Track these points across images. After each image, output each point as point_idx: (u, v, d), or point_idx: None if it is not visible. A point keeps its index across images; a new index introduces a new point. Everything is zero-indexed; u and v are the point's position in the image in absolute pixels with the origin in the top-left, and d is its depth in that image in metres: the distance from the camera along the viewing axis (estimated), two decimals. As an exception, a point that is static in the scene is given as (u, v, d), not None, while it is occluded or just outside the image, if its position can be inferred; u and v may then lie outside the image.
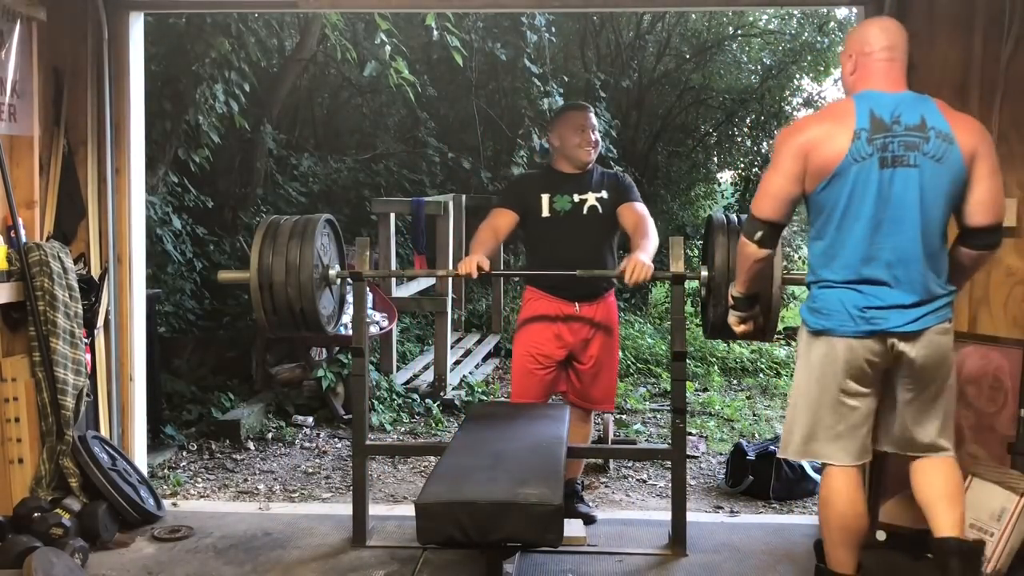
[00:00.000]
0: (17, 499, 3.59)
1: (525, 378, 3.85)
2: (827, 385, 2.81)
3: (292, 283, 3.47)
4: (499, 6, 6.08)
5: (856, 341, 2.75)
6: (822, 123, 2.80)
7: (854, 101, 2.77)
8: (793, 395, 2.94)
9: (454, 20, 7.06)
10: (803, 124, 2.92)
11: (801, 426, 2.88)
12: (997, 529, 3.31)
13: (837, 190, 2.72)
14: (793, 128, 2.90)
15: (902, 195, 2.69)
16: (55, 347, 3.69)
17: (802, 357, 2.90)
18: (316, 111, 11.11)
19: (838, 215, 2.73)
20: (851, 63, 2.84)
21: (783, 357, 8.53)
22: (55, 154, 3.99)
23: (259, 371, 6.56)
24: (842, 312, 2.75)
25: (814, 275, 2.84)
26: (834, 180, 2.71)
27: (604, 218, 3.79)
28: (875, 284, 2.73)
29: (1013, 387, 3.60)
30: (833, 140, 2.71)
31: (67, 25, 4.00)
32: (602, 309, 3.84)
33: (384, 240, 7.15)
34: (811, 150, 2.73)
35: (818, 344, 2.82)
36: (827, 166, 2.71)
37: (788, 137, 2.82)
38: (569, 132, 3.81)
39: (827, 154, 2.71)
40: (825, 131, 2.74)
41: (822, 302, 2.80)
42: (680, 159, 12.81)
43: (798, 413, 2.89)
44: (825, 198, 2.75)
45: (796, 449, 2.92)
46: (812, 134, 2.76)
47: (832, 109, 2.94)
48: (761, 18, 12.91)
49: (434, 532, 2.58)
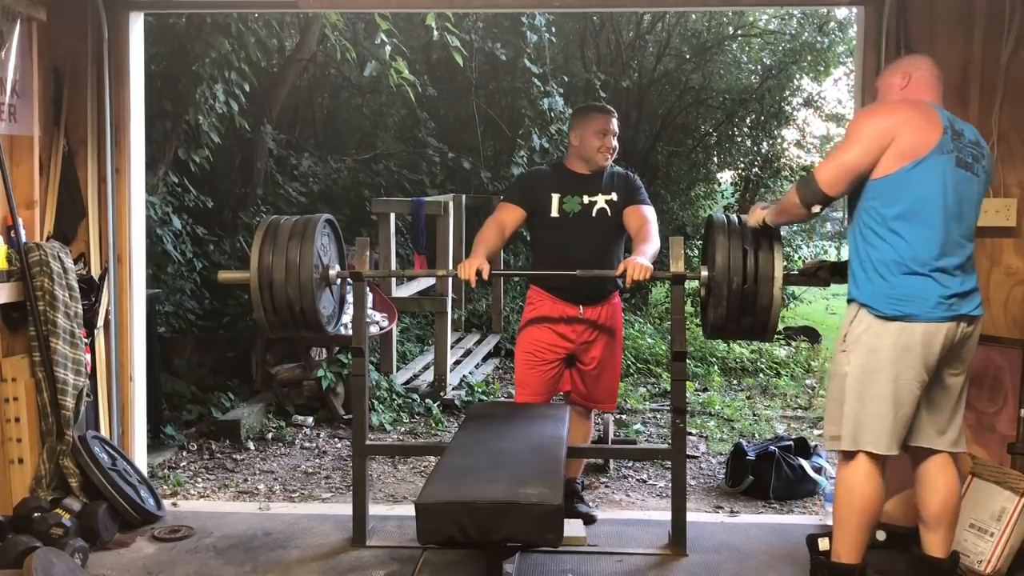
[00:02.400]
0: (17, 499, 3.59)
1: (526, 373, 3.85)
2: (901, 371, 2.82)
3: (292, 283, 3.47)
4: (499, 6, 6.09)
5: (935, 326, 2.80)
6: (908, 110, 2.86)
7: (927, 103, 2.89)
8: (851, 384, 2.89)
9: (454, 20, 7.05)
10: (888, 107, 2.94)
11: (876, 417, 2.85)
12: (997, 529, 3.31)
13: (923, 174, 2.78)
14: (876, 109, 2.95)
15: (969, 196, 2.87)
16: (55, 347, 3.69)
17: (863, 345, 2.87)
18: (316, 111, 11.11)
19: (923, 201, 2.79)
20: (904, 79, 2.98)
21: (783, 357, 8.54)
22: (55, 154, 3.99)
23: (259, 371, 6.57)
24: (926, 298, 2.79)
25: (887, 262, 2.84)
26: (922, 164, 2.78)
27: (612, 220, 3.77)
28: (947, 273, 2.82)
29: (1013, 387, 3.60)
30: (923, 127, 2.80)
31: (67, 25, 4.00)
32: (606, 311, 3.83)
33: (384, 240, 7.15)
34: (900, 131, 2.79)
35: (890, 330, 2.82)
36: (918, 149, 2.78)
37: (872, 116, 2.89)
38: (590, 134, 3.78)
39: (918, 138, 2.79)
40: (914, 117, 2.82)
41: (903, 288, 2.81)
42: (680, 159, 12.81)
43: (871, 404, 2.85)
44: (910, 178, 2.79)
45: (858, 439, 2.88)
46: (900, 116, 2.83)
47: (911, 102, 2.93)
48: (761, 18, 12.90)
49: (434, 532, 2.58)
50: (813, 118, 13.63)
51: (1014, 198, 3.71)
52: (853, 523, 2.91)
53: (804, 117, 13.59)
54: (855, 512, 2.90)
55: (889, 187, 2.81)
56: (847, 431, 2.90)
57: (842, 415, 2.91)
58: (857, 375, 2.88)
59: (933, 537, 3.01)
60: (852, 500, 2.91)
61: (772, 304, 3.31)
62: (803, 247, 12.55)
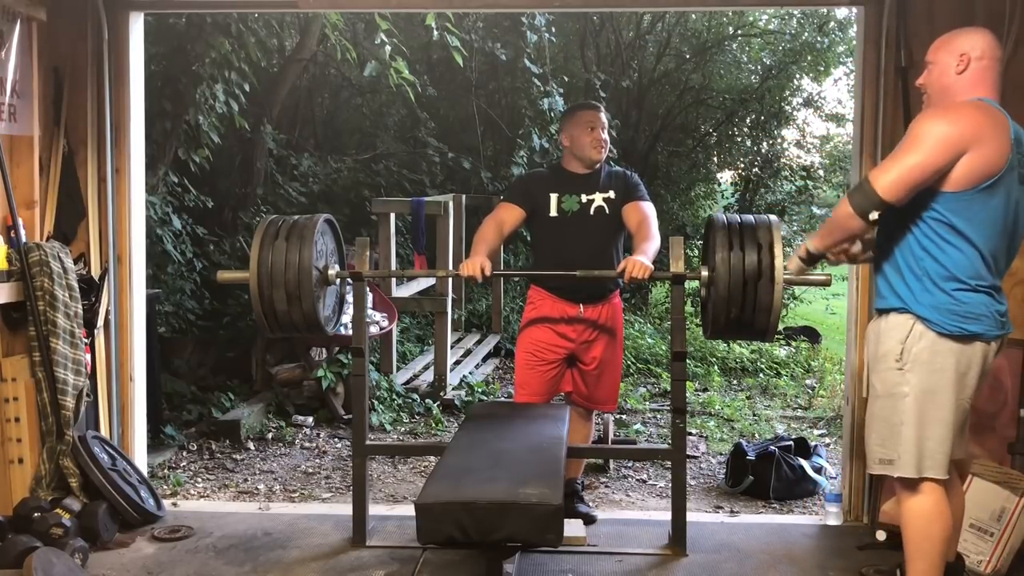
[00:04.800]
0: (17, 499, 3.60)
1: (527, 373, 3.85)
2: (961, 391, 2.70)
3: (292, 283, 3.47)
4: (499, 6, 6.08)
5: (994, 344, 2.72)
6: (980, 120, 2.62)
7: (991, 104, 2.67)
8: (912, 406, 2.70)
9: (454, 20, 7.05)
10: (958, 113, 2.65)
11: (939, 440, 2.69)
12: (997, 529, 3.31)
13: (995, 194, 2.62)
14: (944, 113, 2.67)
15: (1022, 212, 2.71)
16: (55, 347, 3.69)
17: (924, 365, 2.68)
18: (316, 111, 11.10)
19: (990, 219, 2.63)
20: (960, 62, 2.70)
21: (783, 357, 8.54)
22: (55, 154, 3.99)
23: (259, 371, 6.57)
24: (989, 316, 2.68)
25: (948, 276, 2.66)
26: (996, 183, 2.60)
27: (611, 218, 3.78)
28: (999, 291, 2.73)
29: (1013, 387, 3.60)
30: (996, 142, 2.60)
31: (67, 25, 4.00)
32: (607, 311, 3.84)
33: (384, 240, 7.15)
34: (971, 146, 2.58)
35: (953, 349, 2.66)
36: (991, 167, 2.59)
37: (941, 122, 2.63)
38: (579, 131, 3.81)
39: (991, 156, 2.59)
40: (987, 130, 2.60)
41: (969, 306, 2.65)
42: (680, 159, 12.81)
43: (935, 427, 2.68)
44: (984, 199, 2.61)
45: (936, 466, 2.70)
46: (972, 127, 2.59)
47: (986, 108, 2.66)
48: (761, 18, 12.90)
49: (434, 532, 2.58)
50: (813, 118, 13.65)
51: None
52: (937, 553, 2.72)
53: (804, 117, 13.61)
54: (937, 541, 2.72)
55: (960, 203, 2.62)
56: (909, 458, 2.71)
57: (899, 438, 2.72)
58: (919, 397, 2.69)
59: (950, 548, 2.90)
60: (931, 530, 2.72)
61: (772, 304, 3.30)
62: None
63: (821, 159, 13.37)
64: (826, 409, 6.86)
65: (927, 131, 2.62)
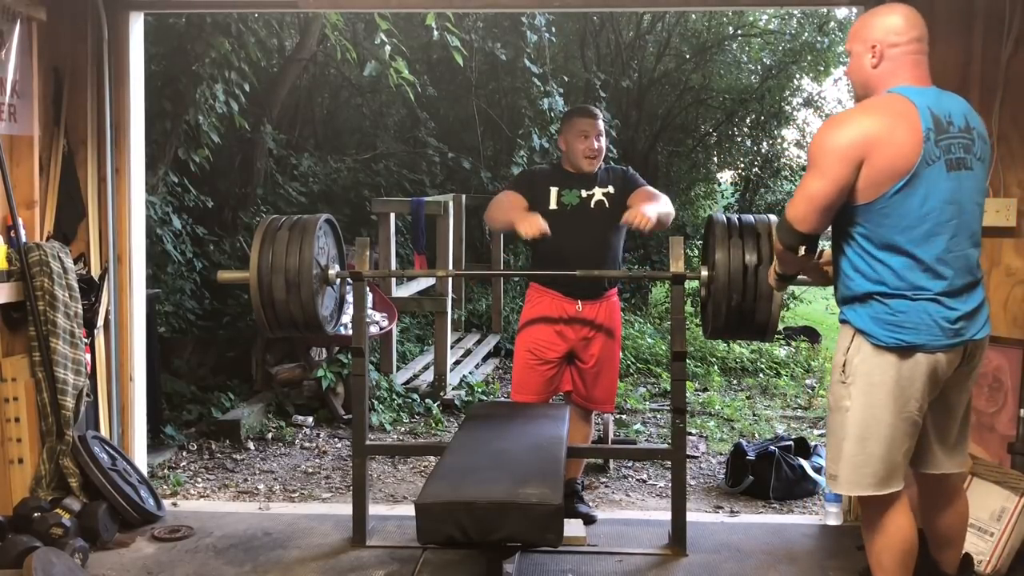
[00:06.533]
0: (17, 499, 3.59)
1: (526, 373, 3.86)
2: (904, 405, 2.53)
3: (292, 283, 3.47)
4: (499, 6, 6.08)
5: (943, 355, 2.51)
6: (879, 119, 2.45)
7: (908, 97, 2.47)
8: (853, 422, 2.58)
9: (454, 20, 7.05)
10: (850, 120, 2.50)
11: (877, 458, 2.56)
12: (997, 529, 3.31)
13: (910, 196, 2.43)
14: (839, 125, 2.51)
15: (966, 200, 2.51)
16: (55, 347, 3.69)
17: (862, 377, 2.55)
18: (316, 111, 11.10)
19: (915, 222, 2.45)
20: (874, 55, 2.53)
21: (783, 357, 8.54)
22: (55, 154, 3.99)
23: (259, 371, 6.56)
24: (931, 325, 2.48)
25: (882, 285, 2.51)
26: (907, 186, 2.42)
27: (611, 212, 3.79)
28: (951, 295, 2.50)
29: (1013, 387, 3.60)
30: (898, 140, 2.42)
31: (67, 25, 4.00)
32: (604, 309, 3.85)
33: (384, 240, 7.15)
34: (870, 152, 2.41)
35: (891, 361, 2.51)
36: (897, 170, 2.41)
37: (834, 136, 2.47)
38: (572, 137, 3.83)
39: (895, 155, 2.41)
40: (886, 129, 2.42)
41: (905, 315, 2.48)
42: (680, 159, 12.82)
43: (871, 443, 2.55)
44: (896, 204, 2.44)
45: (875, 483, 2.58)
46: (868, 133, 2.42)
47: (884, 104, 2.50)
48: (761, 18, 12.91)
49: (434, 532, 2.58)
50: (813, 118, 13.67)
51: (1014, 198, 3.70)
52: (906, 565, 2.61)
53: (804, 117, 13.64)
54: (900, 555, 2.60)
55: (872, 214, 2.47)
56: (844, 474, 2.61)
57: (839, 454, 2.62)
58: (857, 413, 2.57)
59: (951, 555, 2.87)
60: (893, 544, 2.61)
61: (772, 304, 3.31)
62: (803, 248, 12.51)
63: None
64: (826, 409, 6.83)
65: (820, 150, 2.49)
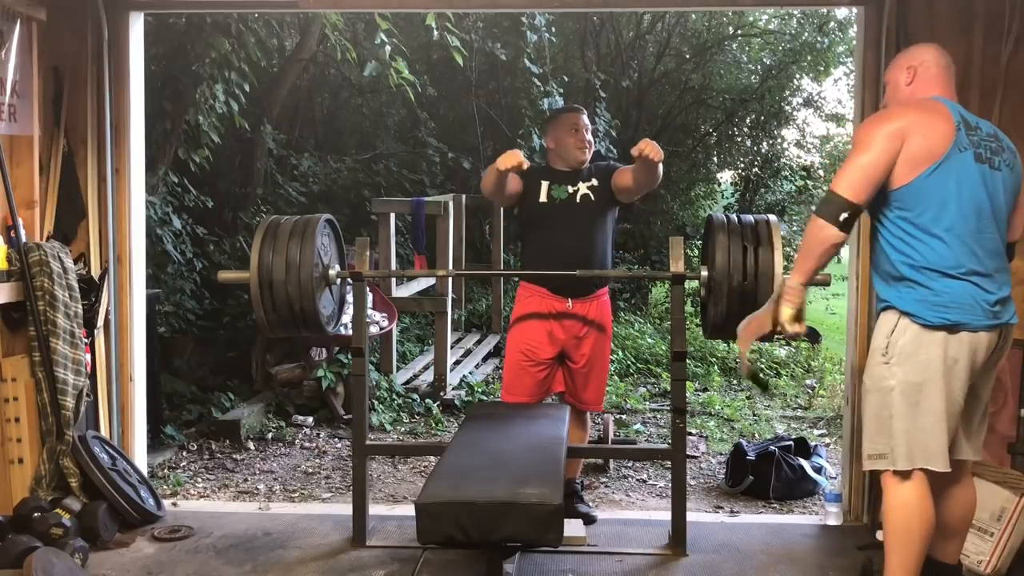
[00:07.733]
0: (17, 499, 3.59)
1: (517, 375, 3.86)
2: (951, 384, 2.67)
3: (292, 283, 3.47)
4: (499, 6, 6.09)
5: (984, 335, 2.68)
6: (916, 111, 2.73)
7: (935, 99, 2.76)
8: (899, 399, 2.70)
9: (454, 20, 7.05)
10: (893, 112, 2.79)
11: (922, 431, 2.67)
12: (997, 529, 3.31)
13: (944, 177, 2.66)
14: (883, 115, 2.80)
15: (995, 192, 2.72)
16: (55, 347, 3.69)
17: (909, 357, 2.69)
18: (316, 111, 11.10)
19: (950, 203, 2.66)
20: (908, 74, 2.85)
21: (783, 357, 8.54)
22: (55, 154, 3.99)
23: (259, 371, 6.56)
24: (974, 305, 2.66)
25: (924, 268, 2.68)
26: (941, 167, 2.65)
27: (597, 205, 3.82)
28: (984, 276, 2.69)
29: (1013, 387, 3.60)
30: (934, 127, 2.68)
31: (67, 25, 4.00)
32: (595, 307, 3.85)
33: (384, 240, 7.15)
34: (910, 133, 2.67)
35: (938, 340, 2.66)
36: (933, 151, 2.66)
37: (880, 122, 2.74)
38: (563, 133, 3.87)
39: (931, 139, 2.67)
40: (922, 118, 2.70)
41: (949, 295, 2.66)
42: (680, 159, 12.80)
43: (916, 417, 2.68)
44: (932, 184, 2.66)
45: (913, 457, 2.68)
46: (908, 119, 2.70)
47: (920, 102, 2.79)
48: (761, 18, 12.90)
49: (434, 532, 2.58)
50: (813, 118, 13.66)
51: (1014, 198, 3.71)
52: (916, 548, 2.69)
53: (804, 117, 13.62)
54: (916, 535, 2.68)
55: (911, 195, 2.68)
56: (900, 450, 2.69)
57: (889, 432, 2.71)
58: (905, 389, 2.69)
59: (953, 547, 2.92)
60: (911, 523, 2.69)
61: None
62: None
63: (821, 159, 13.37)
64: (826, 409, 6.86)
65: (868, 133, 2.72)
